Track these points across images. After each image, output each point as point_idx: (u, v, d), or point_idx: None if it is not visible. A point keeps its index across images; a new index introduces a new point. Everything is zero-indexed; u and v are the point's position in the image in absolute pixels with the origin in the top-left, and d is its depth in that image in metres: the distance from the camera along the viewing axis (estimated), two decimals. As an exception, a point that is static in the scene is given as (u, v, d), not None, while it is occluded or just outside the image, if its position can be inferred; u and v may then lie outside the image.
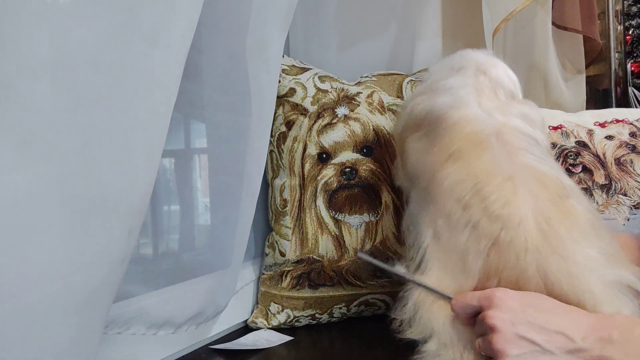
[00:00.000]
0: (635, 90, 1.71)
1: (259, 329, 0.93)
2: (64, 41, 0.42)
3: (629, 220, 0.93)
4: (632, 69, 1.73)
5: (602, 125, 1.06)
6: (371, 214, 0.94)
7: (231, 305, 0.85)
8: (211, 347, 0.85)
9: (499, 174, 0.63)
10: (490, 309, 0.57)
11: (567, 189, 0.64)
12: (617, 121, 1.06)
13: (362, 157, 0.95)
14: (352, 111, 0.97)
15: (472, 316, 0.60)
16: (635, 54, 1.74)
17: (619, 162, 0.99)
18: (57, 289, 0.43)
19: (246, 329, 0.94)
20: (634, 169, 0.98)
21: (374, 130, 0.97)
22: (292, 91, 0.97)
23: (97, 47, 0.44)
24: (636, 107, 1.67)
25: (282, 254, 0.94)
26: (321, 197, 0.94)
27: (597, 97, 1.68)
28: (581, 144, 1.02)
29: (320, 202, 0.94)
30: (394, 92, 1.01)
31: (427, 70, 0.90)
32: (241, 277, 0.90)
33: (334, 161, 0.95)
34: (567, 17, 1.29)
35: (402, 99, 1.00)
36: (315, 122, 0.96)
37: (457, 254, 0.62)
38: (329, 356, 0.85)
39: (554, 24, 1.27)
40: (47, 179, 0.42)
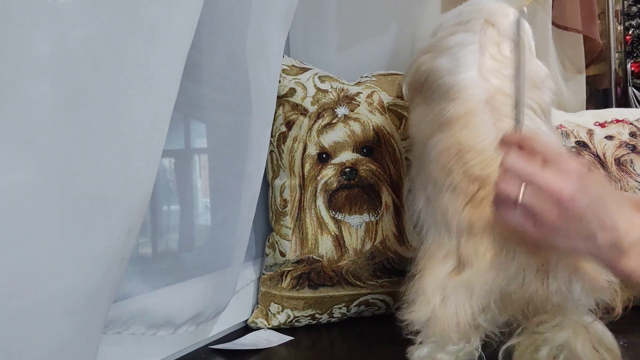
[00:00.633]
0: (635, 90, 1.71)
1: (259, 329, 0.93)
2: (64, 41, 0.42)
3: (629, 220, 0.92)
4: (632, 69, 1.73)
5: (602, 125, 1.06)
6: (371, 214, 0.94)
7: (231, 305, 0.85)
8: (211, 347, 0.85)
9: (481, 142, 0.65)
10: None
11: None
12: (617, 121, 1.06)
13: (362, 157, 0.95)
14: (352, 111, 0.97)
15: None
16: (635, 54, 1.74)
17: (619, 162, 0.99)
18: (57, 289, 0.43)
19: (246, 329, 0.94)
20: (634, 169, 0.98)
21: (374, 130, 0.96)
22: (292, 91, 0.97)
23: (97, 46, 0.44)
24: (636, 107, 1.68)
25: (282, 254, 0.94)
26: (321, 197, 0.94)
27: (597, 97, 1.68)
28: (581, 144, 1.02)
29: (320, 202, 0.94)
30: (394, 92, 1.01)
31: (439, 22, 0.89)
32: (242, 277, 0.90)
33: (334, 161, 0.95)
34: (567, 16, 1.29)
35: (402, 99, 1.00)
36: (315, 122, 0.96)
37: (441, 215, 0.65)
38: (329, 356, 0.85)
39: (554, 23, 1.27)
40: (47, 179, 0.42)
